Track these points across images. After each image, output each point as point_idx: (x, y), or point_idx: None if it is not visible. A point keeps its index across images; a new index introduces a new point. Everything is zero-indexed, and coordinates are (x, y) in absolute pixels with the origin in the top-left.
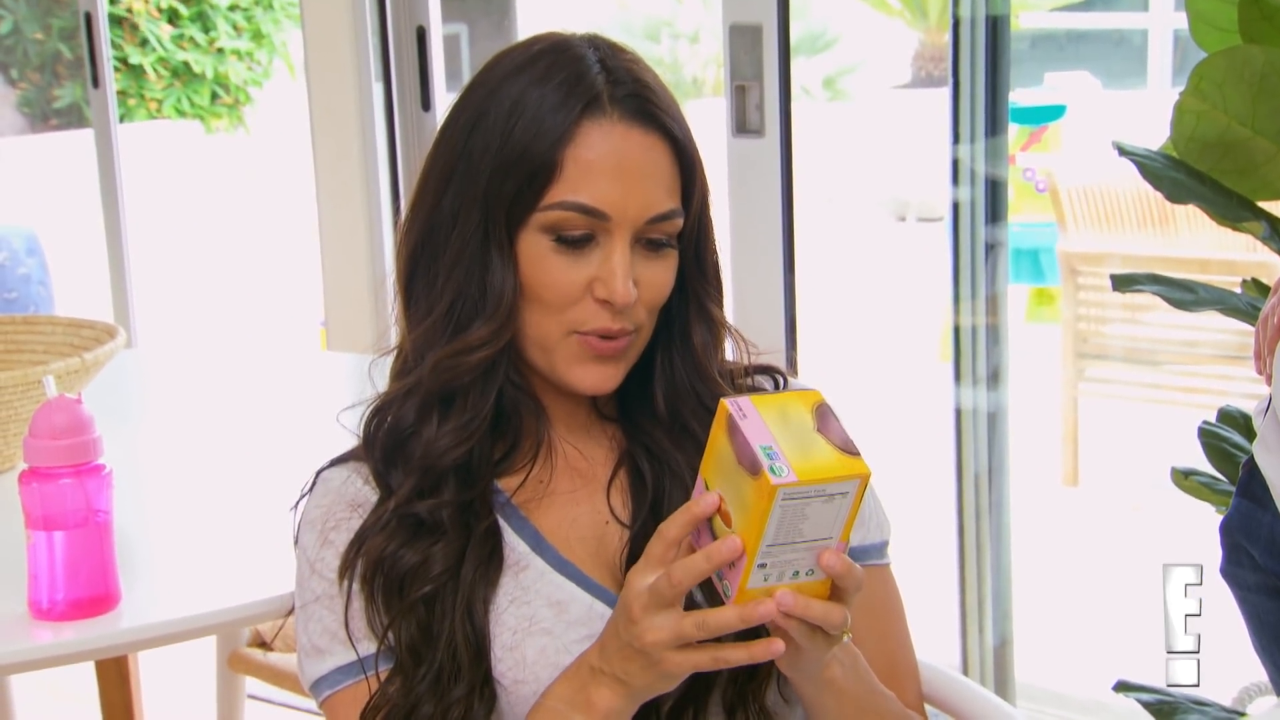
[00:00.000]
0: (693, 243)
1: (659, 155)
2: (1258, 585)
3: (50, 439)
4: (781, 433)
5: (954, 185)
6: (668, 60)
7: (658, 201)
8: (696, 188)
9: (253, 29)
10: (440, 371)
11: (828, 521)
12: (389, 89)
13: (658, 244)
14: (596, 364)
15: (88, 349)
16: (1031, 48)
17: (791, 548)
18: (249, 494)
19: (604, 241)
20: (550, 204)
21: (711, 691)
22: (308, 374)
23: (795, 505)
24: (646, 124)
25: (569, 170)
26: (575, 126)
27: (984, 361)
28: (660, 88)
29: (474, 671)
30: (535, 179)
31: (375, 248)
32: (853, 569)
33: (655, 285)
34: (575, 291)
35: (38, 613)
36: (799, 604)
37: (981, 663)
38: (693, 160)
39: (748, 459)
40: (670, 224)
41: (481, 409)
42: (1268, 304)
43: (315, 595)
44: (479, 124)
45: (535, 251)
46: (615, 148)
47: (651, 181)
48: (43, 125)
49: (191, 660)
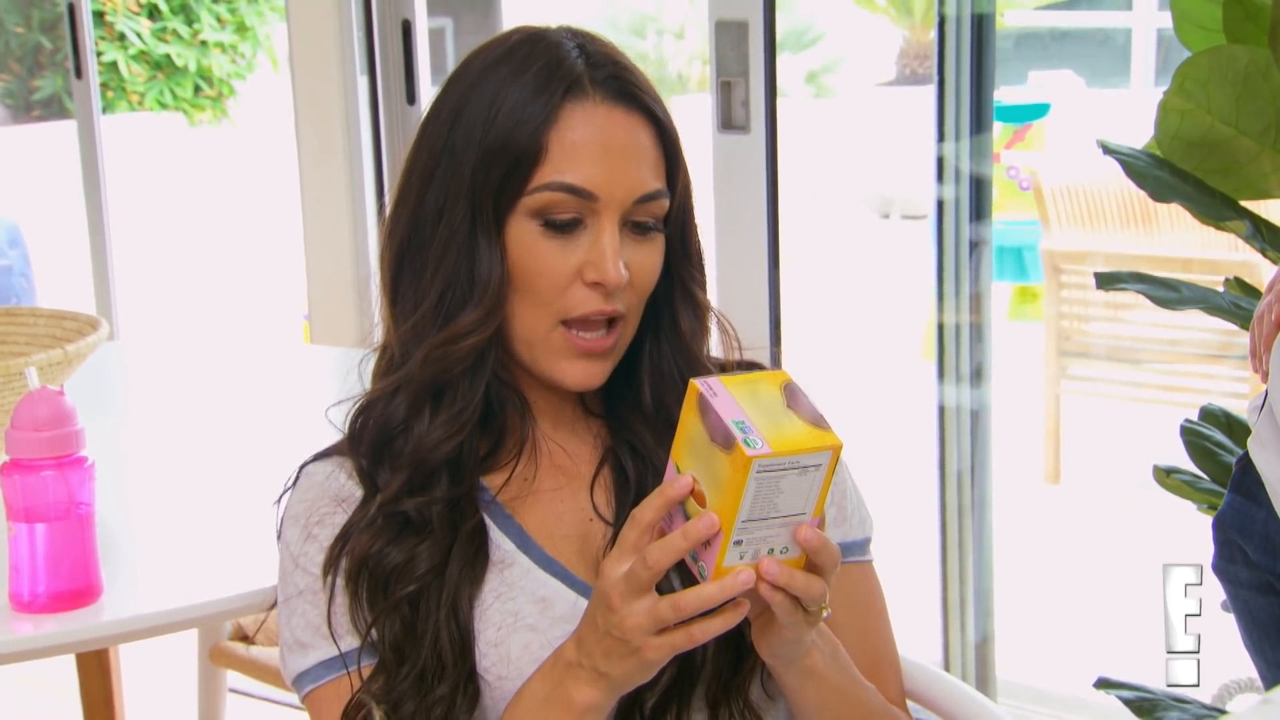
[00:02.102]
0: (678, 227)
1: (643, 136)
2: (1250, 582)
3: (33, 431)
4: (752, 409)
5: (938, 183)
6: (653, 56)
7: (644, 181)
8: (680, 170)
9: (236, 21)
10: (431, 362)
11: (802, 496)
12: (374, 82)
13: (644, 227)
14: (583, 360)
15: (70, 341)
16: (1015, 46)
17: (766, 524)
18: (231, 487)
19: (592, 224)
20: (537, 186)
21: (695, 687)
22: (290, 368)
23: (770, 478)
24: (629, 104)
25: (554, 152)
26: (558, 109)
27: (967, 359)
28: (638, 71)
29: (458, 668)
30: (520, 164)
31: (359, 242)
32: (828, 543)
33: (644, 268)
34: (565, 277)
35: (18, 605)
36: (783, 572)
37: (963, 659)
38: (675, 142)
39: (721, 434)
40: (657, 204)
41: (471, 400)
42: (1263, 302)
43: (298, 590)
44: (460, 117)
45: (524, 238)
46: (600, 128)
47: (637, 161)
48: (24, 116)
49: (173, 654)
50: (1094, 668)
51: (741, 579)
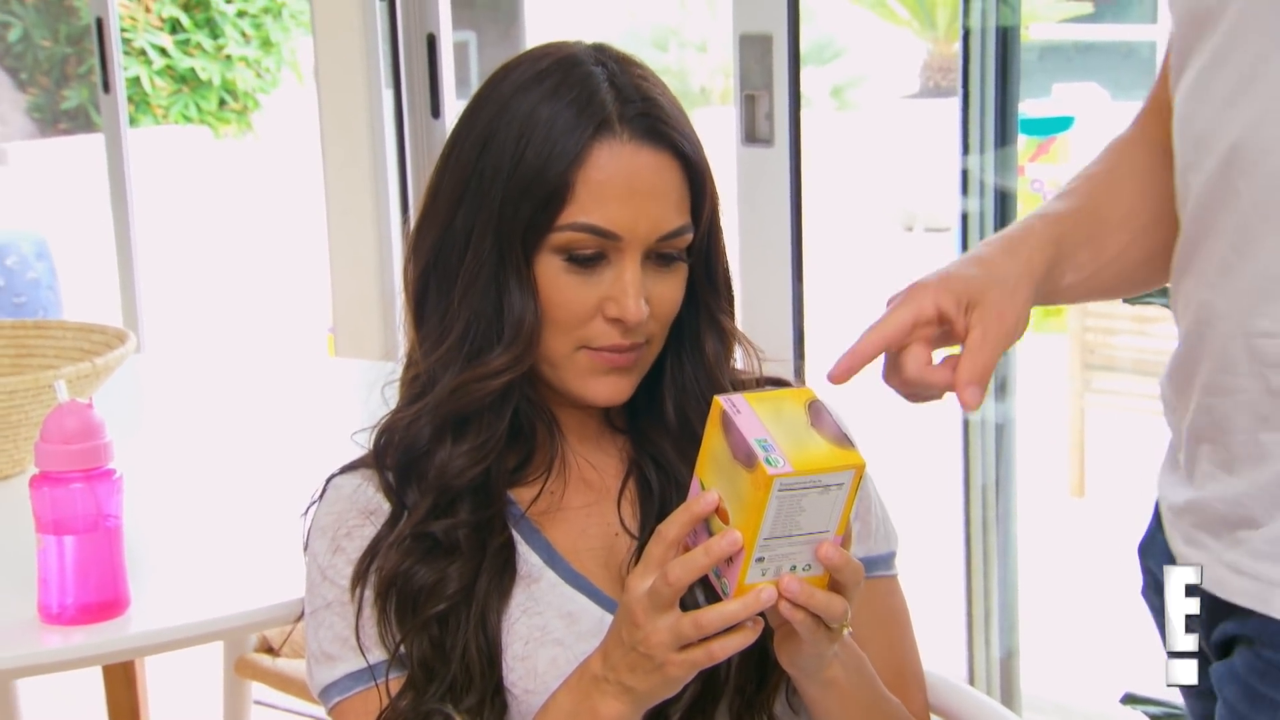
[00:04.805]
0: (702, 255)
1: (669, 174)
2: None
3: (61, 444)
4: (776, 427)
5: (963, 196)
6: (675, 69)
7: (667, 220)
8: (706, 201)
9: (261, 36)
10: (459, 396)
11: (824, 514)
12: (399, 96)
13: (668, 258)
14: (608, 376)
15: (98, 354)
16: (1040, 59)
17: (788, 541)
18: (257, 500)
19: (615, 260)
20: (562, 225)
21: (719, 701)
22: (316, 381)
23: (792, 497)
24: (656, 142)
25: (580, 192)
26: (586, 149)
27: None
28: (669, 102)
29: (485, 681)
30: (549, 203)
31: (384, 255)
32: (850, 561)
33: (665, 300)
34: (587, 311)
35: (47, 617)
36: (804, 590)
37: (988, 674)
38: (702, 175)
39: (743, 452)
40: (680, 239)
41: (496, 430)
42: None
43: (326, 602)
44: (489, 143)
45: (548, 273)
46: (625, 168)
47: (662, 200)
48: (51, 130)
49: (198, 665)
50: (1120, 683)
51: (763, 596)
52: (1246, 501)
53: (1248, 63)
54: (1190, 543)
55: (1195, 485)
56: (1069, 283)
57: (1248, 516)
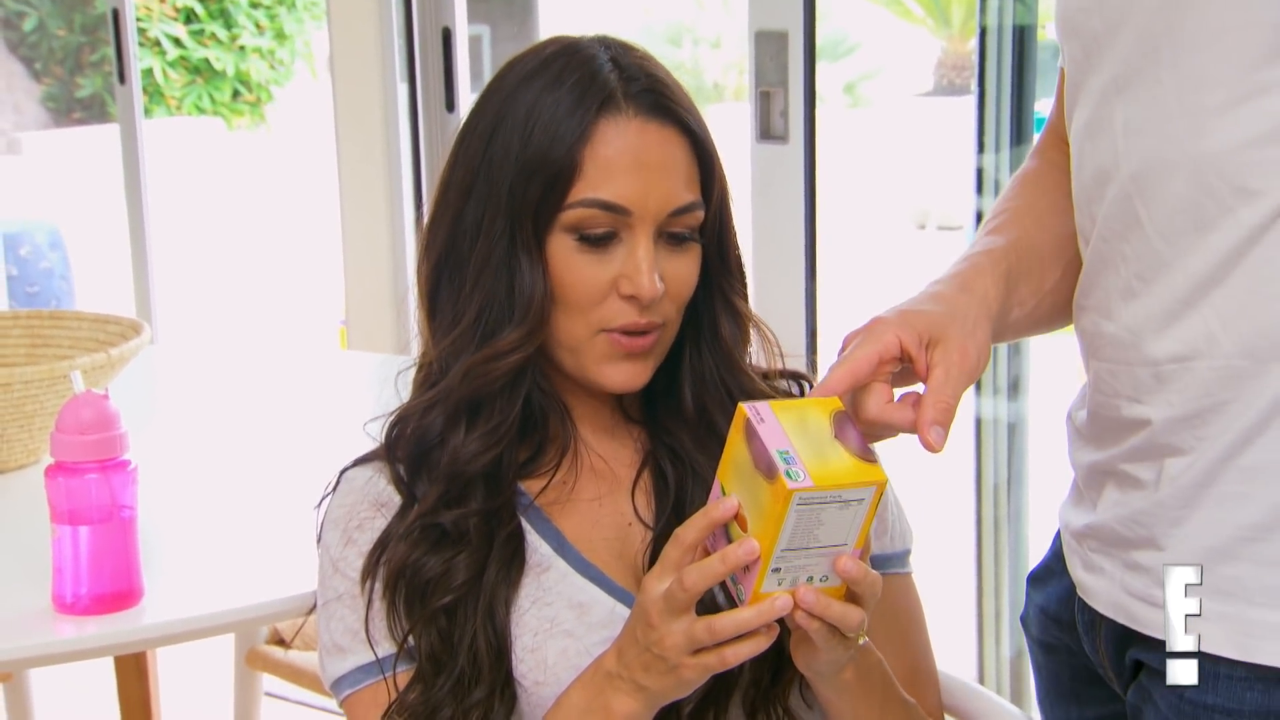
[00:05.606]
0: (714, 236)
1: (676, 148)
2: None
3: (77, 434)
4: (799, 438)
5: (978, 194)
6: (689, 65)
7: (677, 194)
8: (715, 180)
9: (275, 28)
10: (471, 379)
11: (843, 528)
12: (413, 89)
13: (680, 237)
14: (626, 362)
15: (114, 344)
16: (1055, 58)
17: (806, 553)
18: (270, 492)
19: (627, 238)
20: (572, 203)
21: (732, 694)
22: (328, 373)
23: (811, 510)
24: (662, 118)
25: (588, 169)
26: (592, 126)
27: (1004, 371)
28: (673, 82)
29: (494, 674)
30: (557, 181)
31: (397, 247)
32: (868, 574)
33: (680, 279)
34: (601, 290)
35: (61, 607)
36: (820, 601)
37: (998, 673)
38: (710, 153)
39: (764, 463)
40: (691, 216)
41: (509, 414)
42: None
43: (337, 594)
44: (496, 131)
45: (561, 253)
46: (632, 143)
47: (670, 175)
48: (66, 119)
49: (210, 657)
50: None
51: (778, 605)
52: (1145, 520)
53: (1145, 89)
54: (1089, 568)
55: (1097, 511)
56: (1014, 318)
57: (1148, 537)
